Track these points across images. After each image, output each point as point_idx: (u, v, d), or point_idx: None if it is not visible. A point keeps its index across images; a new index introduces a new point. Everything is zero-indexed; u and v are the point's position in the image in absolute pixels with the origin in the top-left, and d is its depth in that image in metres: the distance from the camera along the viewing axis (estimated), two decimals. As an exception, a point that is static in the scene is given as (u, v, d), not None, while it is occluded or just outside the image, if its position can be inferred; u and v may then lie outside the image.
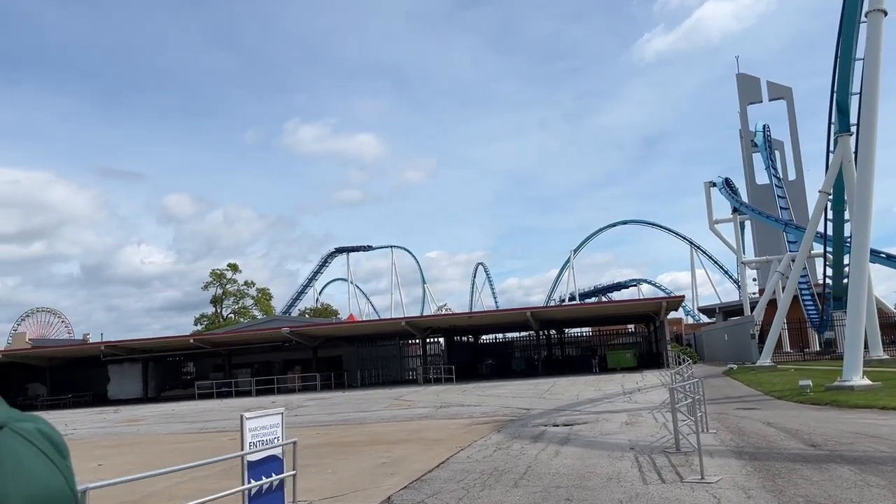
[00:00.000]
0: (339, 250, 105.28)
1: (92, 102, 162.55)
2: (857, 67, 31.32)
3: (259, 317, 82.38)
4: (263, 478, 7.95)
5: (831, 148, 35.44)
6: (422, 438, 18.67)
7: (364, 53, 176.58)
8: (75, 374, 56.67)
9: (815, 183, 58.63)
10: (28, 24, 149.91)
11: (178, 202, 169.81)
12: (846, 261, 39.22)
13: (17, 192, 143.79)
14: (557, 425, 19.65)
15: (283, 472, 8.45)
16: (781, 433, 14.97)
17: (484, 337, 71.35)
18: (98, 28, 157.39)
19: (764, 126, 70.76)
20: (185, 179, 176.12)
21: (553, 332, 66.09)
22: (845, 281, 41.42)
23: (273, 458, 8.30)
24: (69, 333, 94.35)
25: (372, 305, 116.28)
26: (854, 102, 32.69)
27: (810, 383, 23.97)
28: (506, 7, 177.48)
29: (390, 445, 17.52)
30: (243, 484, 7.77)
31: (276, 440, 8.39)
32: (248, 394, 48.47)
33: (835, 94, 34.06)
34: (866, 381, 23.45)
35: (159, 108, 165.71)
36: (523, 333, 64.72)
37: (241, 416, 7.97)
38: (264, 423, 8.29)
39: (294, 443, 8.48)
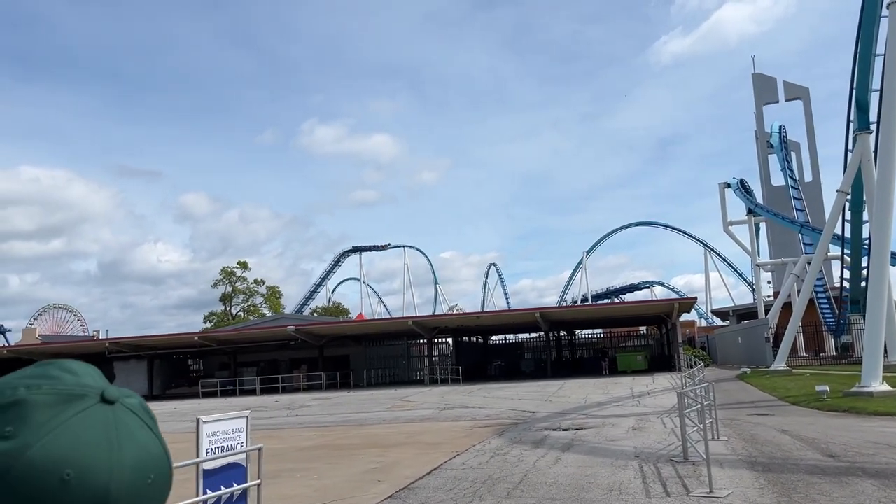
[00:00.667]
0: (353, 249, 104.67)
1: (111, 101, 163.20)
2: (878, 64, 30.29)
3: (269, 315, 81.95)
4: (223, 488, 7.23)
5: (850, 147, 34.39)
6: (419, 442, 17.94)
7: (381, 54, 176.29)
8: (81, 370, 56.40)
9: (831, 185, 57.32)
10: (48, 24, 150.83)
11: (195, 201, 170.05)
12: (864, 263, 38.11)
13: (37, 190, 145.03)
14: (562, 429, 18.87)
15: (246, 482, 7.71)
16: (797, 442, 14.10)
17: (494, 338, 70.58)
18: (117, 28, 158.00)
19: (780, 127, 69.39)
20: (202, 179, 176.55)
21: (563, 333, 65.21)
22: (863, 284, 40.33)
23: (235, 465, 7.56)
24: (84, 330, 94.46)
25: (384, 305, 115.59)
26: (874, 100, 31.72)
27: (827, 389, 23.01)
28: (522, 8, 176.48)
29: (385, 449, 16.80)
30: (197, 495, 7.05)
31: (239, 446, 7.65)
32: (252, 392, 47.96)
33: (854, 91, 33.04)
34: (886, 387, 22.46)
35: (177, 108, 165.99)
36: (533, 335, 63.88)
37: (198, 420, 7.25)
38: (225, 427, 7.54)
39: (259, 449, 7.75)
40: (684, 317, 64.82)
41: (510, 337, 69.80)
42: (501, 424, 21.38)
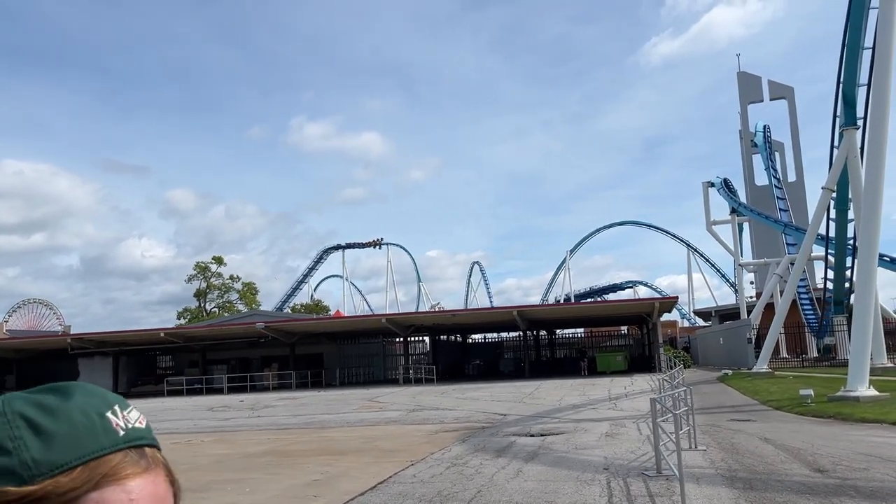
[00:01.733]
0: (338, 247, 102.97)
1: (99, 97, 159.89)
2: (866, 57, 29.30)
3: (244, 311, 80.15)
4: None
5: (836, 143, 33.43)
6: (375, 448, 16.60)
7: (372, 53, 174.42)
8: (45, 367, 54.34)
9: (815, 185, 56.57)
10: (35, 18, 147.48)
11: (182, 197, 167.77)
12: (848, 263, 37.21)
13: (21, 183, 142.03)
14: (530, 435, 17.60)
15: None
16: (781, 453, 12.90)
17: (474, 337, 69.30)
18: (107, 23, 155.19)
19: (764, 126, 68.65)
20: (190, 174, 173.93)
21: (543, 333, 64.06)
22: (847, 285, 39.48)
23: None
24: (61, 326, 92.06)
25: (367, 303, 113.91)
26: (861, 95, 30.77)
27: (811, 393, 21.89)
28: (513, 8, 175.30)
29: (336, 457, 15.44)
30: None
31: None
32: (220, 391, 46.35)
33: (840, 86, 32.06)
34: (873, 392, 21.37)
35: (166, 104, 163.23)
36: (513, 334, 62.68)
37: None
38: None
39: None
40: (666, 317, 64.00)
41: (491, 336, 68.53)
42: (469, 429, 20.10)
